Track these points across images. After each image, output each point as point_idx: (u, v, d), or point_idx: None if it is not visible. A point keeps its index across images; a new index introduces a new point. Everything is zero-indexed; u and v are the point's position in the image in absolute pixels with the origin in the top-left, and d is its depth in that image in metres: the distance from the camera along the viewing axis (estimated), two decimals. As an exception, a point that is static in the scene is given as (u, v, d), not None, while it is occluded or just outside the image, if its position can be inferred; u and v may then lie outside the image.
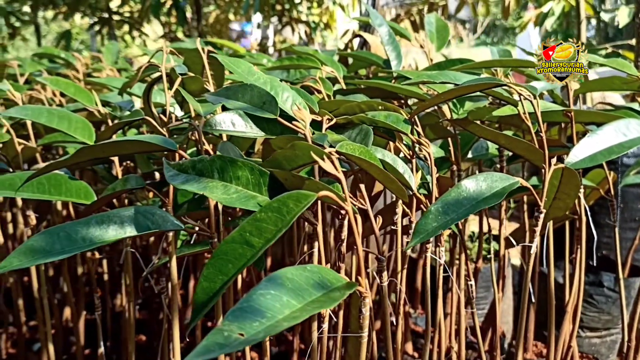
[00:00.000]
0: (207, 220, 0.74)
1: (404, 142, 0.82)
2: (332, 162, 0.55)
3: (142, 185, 0.78)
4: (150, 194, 1.04)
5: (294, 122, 0.64)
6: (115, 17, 3.40)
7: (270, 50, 4.48)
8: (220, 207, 0.72)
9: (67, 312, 1.50)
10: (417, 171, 0.76)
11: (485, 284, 1.61)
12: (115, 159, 0.93)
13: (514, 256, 1.71)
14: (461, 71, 0.99)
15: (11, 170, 0.93)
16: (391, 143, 0.83)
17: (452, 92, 0.74)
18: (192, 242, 0.86)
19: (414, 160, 0.77)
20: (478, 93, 0.87)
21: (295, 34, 4.22)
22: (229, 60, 0.80)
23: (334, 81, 1.13)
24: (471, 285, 0.89)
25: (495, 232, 1.38)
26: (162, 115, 0.85)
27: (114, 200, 1.16)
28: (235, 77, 1.15)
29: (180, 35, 4.39)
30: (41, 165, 0.95)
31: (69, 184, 0.82)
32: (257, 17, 5.68)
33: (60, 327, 1.32)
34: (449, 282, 1.16)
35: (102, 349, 0.97)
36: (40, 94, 1.19)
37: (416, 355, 1.42)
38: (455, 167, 1.02)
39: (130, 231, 0.64)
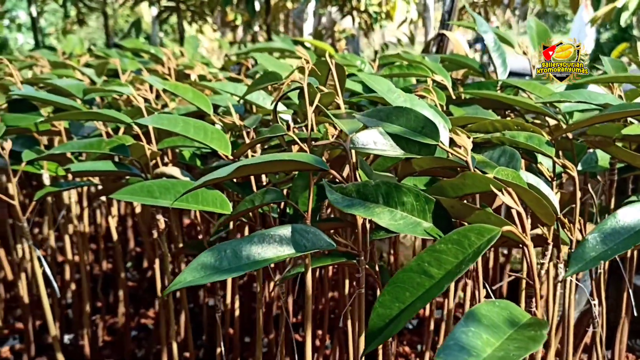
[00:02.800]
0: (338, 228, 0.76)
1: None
2: (511, 195, 0.55)
3: (283, 200, 0.79)
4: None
5: (454, 148, 0.65)
6: (182, 6, 3.44)
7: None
8: (368, 226, 0.73)
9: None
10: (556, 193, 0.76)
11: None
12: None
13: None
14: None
15: (143, 176, 0.96)
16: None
17: (601, 117, 0.73)
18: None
19: (554, 182, 0.77)
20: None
21: (355, 24, 4.21)
22: (368, 77, 0.81)
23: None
24: (594, 304, 0.89)
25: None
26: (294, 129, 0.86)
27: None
28: (352, 86, 1.17)
29: (238, 23, 4.42)
30: (163, 169, 0.98)
31: (205, 193, 0.85)
32: (311, 5, 5.67)
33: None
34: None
35: (220, 349, 1.01)
36: (147, 94, 1.23)
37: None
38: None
39: (288, 250, 0.66)
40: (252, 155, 0.94)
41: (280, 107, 1.13)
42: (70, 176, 1.11)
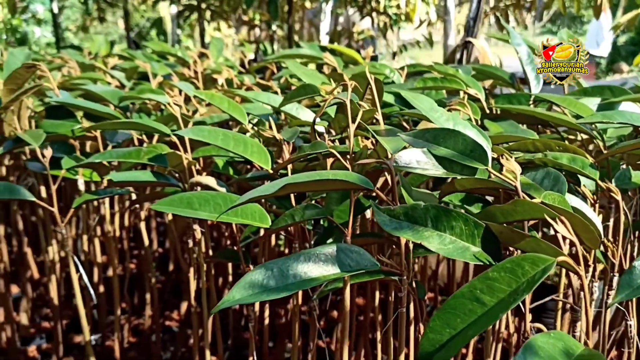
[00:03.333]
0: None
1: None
2: (564, 224, 0.56)
3: (324, 216, 0.80)
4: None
5: (502, 173, 0.65)
6: (202, 5, 3.45)
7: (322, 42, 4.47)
8: (410, 246, 0.73)
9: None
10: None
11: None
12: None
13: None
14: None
15: (180, 186, 0.97)
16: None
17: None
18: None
19: (596, 205, 0.77)
20: None
21: (374, 25, 4.20)
22: (410, 95, 0.81)
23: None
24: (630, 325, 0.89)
25: None
26: (329, 139, 0.87)
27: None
28: (381, 100, 1.16)
29: (257, 22, 4.42)
30: (198, 178, 0.99)
31: (245, 206, 0.85)
32: (329, 4, 5.66)
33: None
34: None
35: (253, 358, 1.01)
36: (179, 100, 1.23)
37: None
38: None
39: (333, 270, 0.66)
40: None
41: (306, 113, 1.13)
42: (105, 182, 1.13)
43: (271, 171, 0.89)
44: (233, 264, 1.35)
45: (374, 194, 0.77)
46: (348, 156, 0.81)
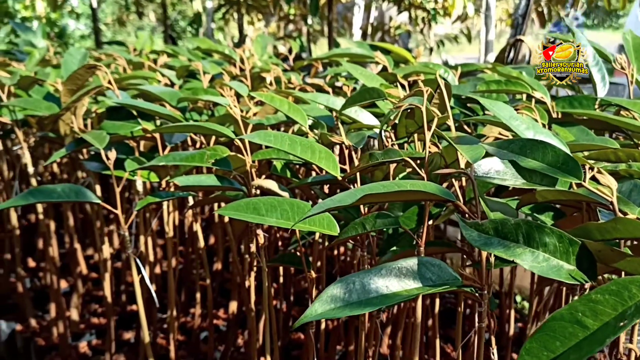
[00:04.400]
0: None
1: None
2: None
3: (397, 226, 0.78)
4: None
5: (599, 188, 0.62)
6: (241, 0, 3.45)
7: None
8: (491, 259, 0.71)
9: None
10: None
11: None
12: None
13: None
14: None
15: (244, 190, 0.96)
16: None
17: None
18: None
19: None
20: None
21: (411, 20, 4.15)
22: (490, 102, 0.78)
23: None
24: None
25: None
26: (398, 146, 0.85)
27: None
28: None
29: (292, 17, 4.41)
30: (259, 182, 0.98)
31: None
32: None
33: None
34: None
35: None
36: (233, 99, 1.22)
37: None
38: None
39: (415, 285, 0.65)
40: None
41: (366, 115, 1.12)
42: (163, 184, 1.13)
43: (340, 178, 0.87)
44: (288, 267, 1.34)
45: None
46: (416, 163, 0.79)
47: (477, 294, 0.71)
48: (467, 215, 0.70)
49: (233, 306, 1.52)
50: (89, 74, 1.16)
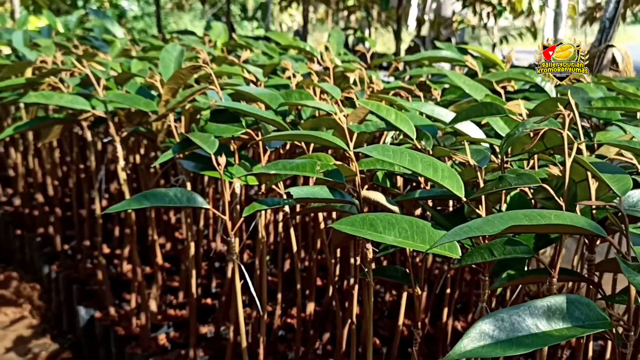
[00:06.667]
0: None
1: None
2: None
3: (531, 255, 0.75)
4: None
5: None
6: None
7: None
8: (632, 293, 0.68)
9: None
10: None
11: None
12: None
13: None
14: None
15: (356, 203, 0.94)
16: None
17: None
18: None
19: None
20: None
21: (475, 15, 4.06)
22: (634, 129, 0.74)
23: None
24: None
25: None
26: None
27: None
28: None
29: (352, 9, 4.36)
30: (367, 193, 0.96)
31: (432, 233, 0.82)
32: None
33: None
34: None
35: None
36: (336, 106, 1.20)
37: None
38: None
39: (564, 325, 0.62)
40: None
41: (472, 127, 1.08)
42: (263, 188, 1.12)
43: (465, 199, 0.84)
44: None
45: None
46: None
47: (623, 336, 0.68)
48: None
49: (310, 307, 1.51)
50: (192, 73, 1.16)
